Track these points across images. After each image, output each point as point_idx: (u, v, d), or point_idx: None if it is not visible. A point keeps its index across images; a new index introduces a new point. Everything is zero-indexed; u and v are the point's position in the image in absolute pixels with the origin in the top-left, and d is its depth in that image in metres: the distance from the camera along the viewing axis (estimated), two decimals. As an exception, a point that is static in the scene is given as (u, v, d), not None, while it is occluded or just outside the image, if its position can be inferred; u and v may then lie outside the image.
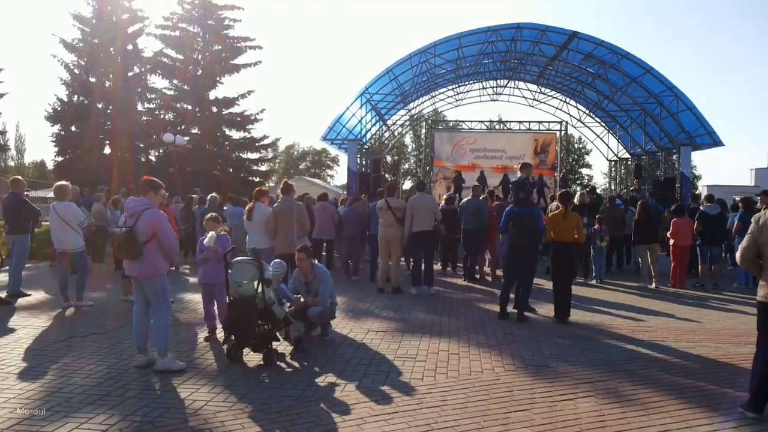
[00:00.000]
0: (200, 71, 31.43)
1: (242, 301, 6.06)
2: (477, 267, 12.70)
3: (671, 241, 11.99)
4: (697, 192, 24.54)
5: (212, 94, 31.69)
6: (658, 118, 25.18)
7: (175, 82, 31.36)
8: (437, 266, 13.18)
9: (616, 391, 5.29)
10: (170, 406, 4.81)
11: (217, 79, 31.69)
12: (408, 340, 7.11)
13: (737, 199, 13.62)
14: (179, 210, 13.94)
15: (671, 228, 11.86)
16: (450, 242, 13.35)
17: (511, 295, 8.74)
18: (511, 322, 8.24)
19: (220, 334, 6.91)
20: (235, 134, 32.43)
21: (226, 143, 32.09)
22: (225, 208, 14.53)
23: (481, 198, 12.78)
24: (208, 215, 7.35)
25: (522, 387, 5.37)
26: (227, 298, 6.30)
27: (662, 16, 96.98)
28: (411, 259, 11.62)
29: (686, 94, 24.14)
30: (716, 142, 24.94)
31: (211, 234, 7.07)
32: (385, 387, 5.34)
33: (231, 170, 31.80)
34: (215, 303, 7.19)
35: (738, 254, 4.95)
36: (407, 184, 55.73)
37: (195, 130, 31.43)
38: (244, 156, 33.07)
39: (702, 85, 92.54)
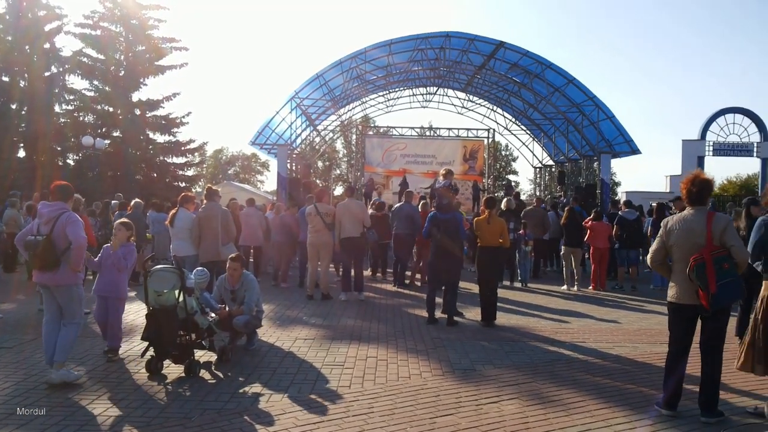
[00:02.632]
0: (123, 72, 30.36)
1: (162, 310, 5.83)
2: (408, 273, 12.77)
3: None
4: (616, 198, 25.59)
5: (135, 96, 30.70)
6: (580, 126, 26.17)
7: (95, 83, 30.16)
8: (367, 272, 13.17)
9: (539, 393, 5.39)
10: (83, 423, 4.56)
11: (141, 80, 30.71)
12: (336, 347, 7.03)
13: (653, 204, 14.28)
14: (96, 215, 13.33)
15: (589, 232, 12.28)
16: (380, 248, 13.36)
17: (439, 300, 8.82)
18: (439, 327, 8.30)
19: (138, 347, 6.61)
20: (160, 138, 31.48)
21: (150, 147, 31.10)
22: (148, 214, 14.02)
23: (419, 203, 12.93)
24: (119, 220, 6.84)
25: (449, 391, 5.39)
26: (147, 308, 6.02)
27: (587, 25, 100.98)
28: (341, 265, 11.55)
29: (606, 103, 25.20)
30: (634, 150, 26.11)
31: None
32: (312, 396, 5.25)
33: (155, 175, 30.83)
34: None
35: (648, 257, 5.16)
36: (339, 190, 55.57)
37: (117, 133, 30.31)
38: (169, 160, 32.14)
39: (622, 94, 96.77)
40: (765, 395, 5.27)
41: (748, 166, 50.05)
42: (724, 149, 29.97)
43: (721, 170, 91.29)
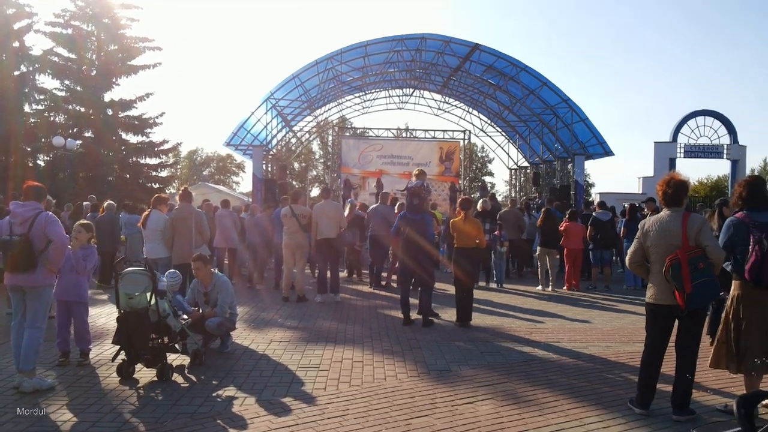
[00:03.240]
0: (95, 72, 29.88)
1: (134, 314, 5.74)
2: (384, 274, 12.76)
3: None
4: (590, 199, 25.90)
5: (108, 96, 30.21)
6: (554, 128, 26.43)
7: (66, 82, 29.63)
8: (343, 273, 13.13)
9: (514, 393, 5.42)
10: (51, 430, 4.46)
11: (114, 80, 30.26)
12: (311, 349, 6.99)
13: (626, 205, 14.48)
14: (68, 218, 13.10)
15: (564, 233, 12.39)
16: (355, 249, 13.33)
17: (415, 301, 8.82)
18: (416, 328, 8.30)
19: (109, 352, 6.50)
20: (133, 138, 31.03)
21: (123, 147, 30.65)
22: (120, 216, 13.83)
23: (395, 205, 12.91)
24: (79, 221, 6.67)
25: (424, 392, 5.39)
26: (118, 311, 5.92)
27: (560, 29, 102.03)
28: (316, 267, 11.50)
29: (580, 106, 25.48)
30: (607, 151, 26.45)
31: None
32: (287, 399, 5.20)
33: (128, 176, 30.38)
34: (72, 323, 6.30)
35: (627, 259, 5.21)
36: (315, 191, 55.39)
37: (89, 134, 29.83)
38: (142, 161, 31.72)
39: (595, 97, 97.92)
40: (735, 393, 5.35)
41: (718, 168, 51.24)
42: (694, 151, 30.53)
43: (692, 172, 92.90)
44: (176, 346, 6.18)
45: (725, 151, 30.27)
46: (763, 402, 4.07)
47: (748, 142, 39.49)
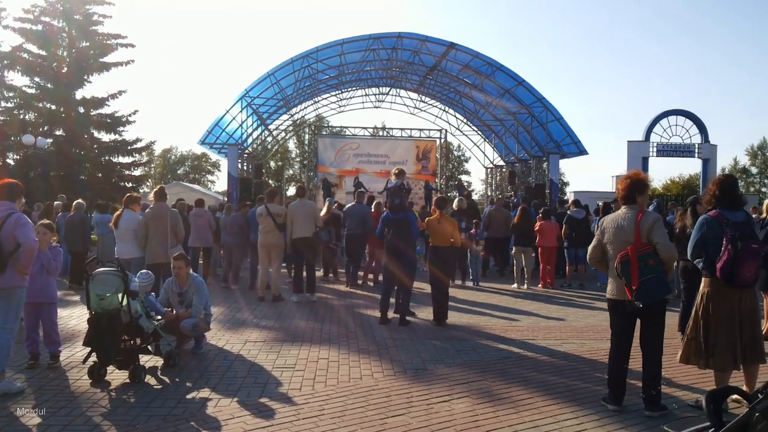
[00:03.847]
0: (66, 69, 29.34)
1: (105, 315, 5.64)
2: (361, 273, 12.74)
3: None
4: (565, 197, 26.17)
5: (79, 94, 29.65)
6: (530, 127, 26.62)
7: (37, 79, 29.05)
8: (319, 273, 13.09)
9: (489, 391, 5.44)
10: (19, 434, 4.37)
11: (85, 77, 29.72)
12: (287, 349, 6.95)
13: (600, 204, 14.63)
14: (38, 217, 12.85)
15: (538, 232, 12.48)
16: (332, 248, 13.31)
17: (392, 300, 8.82)
18: (392, 327, 8.29)
19: (80, 353, 6.38)
20: (105, 136, 30.50)
21: (95, 146, 30.15)
22: (92, 215, 13.63)
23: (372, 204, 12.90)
24: (41, 221, 6.46)
25: (400, 391, 5.39)
26: (89, 313, 5.81)
27: (536, 28, 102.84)
28: (292, 266, 11.43)
29: (555, 105, 25.69)
30: (581, 150, 26.72)
31: None
32: (262, 399, 5.16)
33: (100, 175, 29.89)
34: (41, 325, 6.20)
35: (587, 255, 5.31)
36: (292, 190, 55.13)
37: (60, 132, 29.30)
38: (115, 160, 31.22)
39: (570, 96, 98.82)
40: (706, 388, 5.44)
41: (690, 167, 52.08)
42: (667, 150, 30.93)
43: (664, 170, 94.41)
44: (149, 347, 6.10)
45: (696, 150, 30.68)
46: (732, 397, 4.15)
47: (719, 142, 40.20)
